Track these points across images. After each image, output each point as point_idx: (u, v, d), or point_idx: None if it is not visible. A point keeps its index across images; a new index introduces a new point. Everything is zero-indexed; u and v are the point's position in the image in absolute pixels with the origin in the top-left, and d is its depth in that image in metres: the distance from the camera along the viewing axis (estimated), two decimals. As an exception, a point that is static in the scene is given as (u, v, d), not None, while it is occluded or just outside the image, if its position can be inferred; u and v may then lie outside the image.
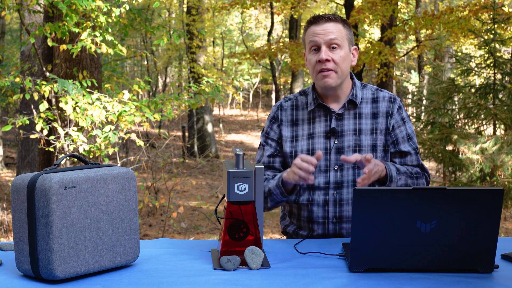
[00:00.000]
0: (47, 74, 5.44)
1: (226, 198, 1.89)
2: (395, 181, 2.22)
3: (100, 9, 5.20)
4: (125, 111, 5.31)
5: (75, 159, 5.26)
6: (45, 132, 5.42)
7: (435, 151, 5.91)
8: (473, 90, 6.17)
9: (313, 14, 2.39)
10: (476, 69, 6.22)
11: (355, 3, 10.72)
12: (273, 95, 22.82)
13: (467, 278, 1.75)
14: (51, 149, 5.49)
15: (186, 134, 15.26)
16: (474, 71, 6.19)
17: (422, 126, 6.34)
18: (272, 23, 16.86)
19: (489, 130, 6.43)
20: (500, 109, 5.86)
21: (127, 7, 5.35)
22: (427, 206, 1.72)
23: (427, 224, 1.73)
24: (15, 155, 13.21)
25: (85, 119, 5.09)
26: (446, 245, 1.76)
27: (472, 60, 6.47)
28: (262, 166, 1.94)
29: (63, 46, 5.17)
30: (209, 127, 14.92)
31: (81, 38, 5.08)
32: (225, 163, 1.97)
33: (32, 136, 5.44)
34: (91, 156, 5.32)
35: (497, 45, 6.14)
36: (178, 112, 6.50)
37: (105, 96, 5.44)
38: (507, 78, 6.07)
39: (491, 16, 6.17)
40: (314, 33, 2.28)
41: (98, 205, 1.78)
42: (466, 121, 6.14)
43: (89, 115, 5.13)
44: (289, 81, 18.28)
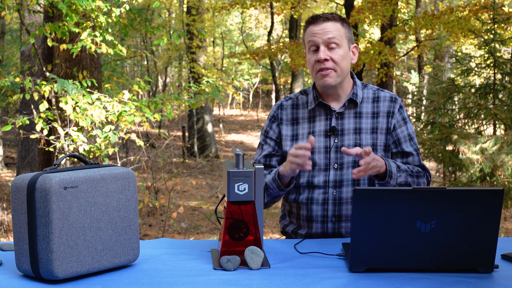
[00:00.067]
0: (47, 74, 5.43)
1: (226, 198, 1.89)
2: (395, 178, 2.21)
3: (100, 9, 5.20)
4: (125, 111, 5.31)
5: (75, 159, 5.26)
6: (45, 132, 5.42)
7: (435, 151, 5.91)
8: (473, 90, 6.17)
9: (313, 14, 2.40)
10: (476, 69, 6.22)
11: (355, 3, 10.72)
12: (273, 95, 22.81)
13: (467, 278, 1.75)
14: (51, 149, 5.49)
15: (186, 134, 15.26)
16: (474, 71, 6.19)
17: (422, 126, 6.34)
18: (272, 23, 16.86)
19: (489, 130, 6.43)
20: (500, 109, 5.86)
21: (127, 7, 5.35)
22: (427, 206, 1.72)
23: (427, 224, 1.73)
24: (15, 155, 13.21)
25: (85, 119, 5.09)
26: (446, 245, 1.76)
27: (472, 60, 6.47)
28: (262, 166, 1.94)
29: (63, 46, 5.17)
30: (209, 127, 14.92)
31: (81, 38, 5.08)
32: (225, 163, 1.97)
33: (32, 136, 5.44)
34: (91, 156, 5.32)
35: (497, 45, 6.14)
36: (178, 112, 6.50)
37: (105, 96, 5.44)
38: (507, 78, 6.07)
39: (491, 16, 6.17)
40: (313, 33, 2.29)
41: (98, 205, 1.77)
42: (466, 121, 6.14)
43: (89, 115, 5.13)
44: (289, 81, 18.27)
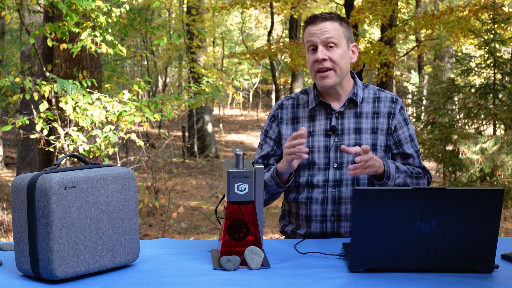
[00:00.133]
0: (47, 74, 5.43)
1: (226, 198, 1.89)
2: (393, 179, 2.22)
3: (100, 9, 5.20)
4: (125, 111, 5.31)
5: (75, 159, 5.26)
6: (45, 132, 5.42)
7: (435, 151, 5.91)
8: (473, 90, 6.17)
9: (312, 14, 2.40)
10: (476, 69, 6.22)
11: (355, 3, 10.71)
12: (273, 95, 22.81)
13: (467, 278, 1.75)
14: (51, 149, 5.49)
15: (186, 134, 15.26)
16: (474, 71, 6.19)
17: (422, 126, 6.34)
18: (272, 23, 16.86)
19: (489, 130, 6.43)
20: (500, 109, 5.86)
21: (127, 7, 5.35)
22: (427, 206, 1.72)
23: (427, 224, 1.73)
24: (15, 155, 13.20)
25: (85, 119, 5.09)
26: (446, 245, 1.76)
27: (472, 60, 6.47)
28: (262, 166, 1.94)
29: (63, 46, 5.17)
30: (209, 127, 14.92)
31: (81, 38, 5.08)
32: (225, 163, 1.97)
33: (32, 136, 5.44)
34: (91, 156, 5.32)
35: (497, 45, 6.14)
36: (178, 112, 6.50)
37: (105, 96, 5.44)
38: (507, 78, 6.07)
39: (491, 16, 6.17)
40: (311, 33, 2.30)
41: (98, 205, 1.77)
42: (466, 121, 6.14)
43: (89, 115, 5.13)
44: (289, 81, 18.27)
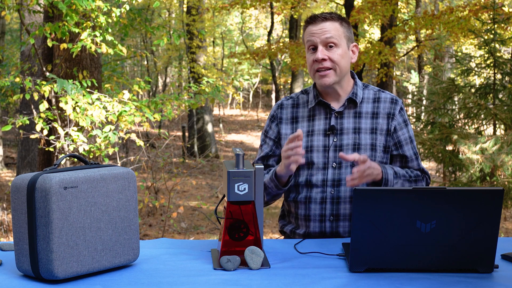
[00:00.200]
0: (47, 74, 5.43)
1: (226, 198, 1.89)
2: (391, 185, 2.24)
3: (100, 9, 5.20)
4: (125, 111, 5.31)
5: (75, 159, 5.26)
6: (45, 132, 5.42)
7: (435, 151, 5.91)
8: (473, 90, 6.17)
9: (312, 14, 2.41)
10: (476, 69, 6.22)
11: (355, 3, 10.71)
12: (273, 95, 22.81)
13: (467, 278, 1.75)
14: (51, 149, 5.49)
15: (186, 134, 15.26)
16: (474, 71, 6.19)
17: (422, 126, 6.34)
18: (272, 23, 16.86)
19: (489, 130, 6.43)
20: (500, 109, 5.86)
21: (127, 7, 5.35)
22: (427, 206, 1.72)
23: (427, 224, 1.73)
24: (15, 155, 13.21)
25: (85, 119, 5.09)
26: (446, 245, 1.76)
27: (472, 60, 6.47)
28: (262, 166, 1.94)
29: (63, 46, 5.17)
30: (209, 127, 14.92)
31: (81, 38, 5.08)
32: (225, 163, 1.97)
33: (32, 136, 5.44)
34: (91, 156, 5.32)
35: (497, 45, 6.14)
36: (178, 112, 6.50)
37: (105, 96, 5.44)
38: (507, 78, 6.07)
39: (491, 16, 6.17)
40: (311, 33, 2.30)
41: (98, 205, 1.77)
42: (466, 121, 6.14)
43: (89, 115, 5.13)
44: (289, 81, 18.26)
